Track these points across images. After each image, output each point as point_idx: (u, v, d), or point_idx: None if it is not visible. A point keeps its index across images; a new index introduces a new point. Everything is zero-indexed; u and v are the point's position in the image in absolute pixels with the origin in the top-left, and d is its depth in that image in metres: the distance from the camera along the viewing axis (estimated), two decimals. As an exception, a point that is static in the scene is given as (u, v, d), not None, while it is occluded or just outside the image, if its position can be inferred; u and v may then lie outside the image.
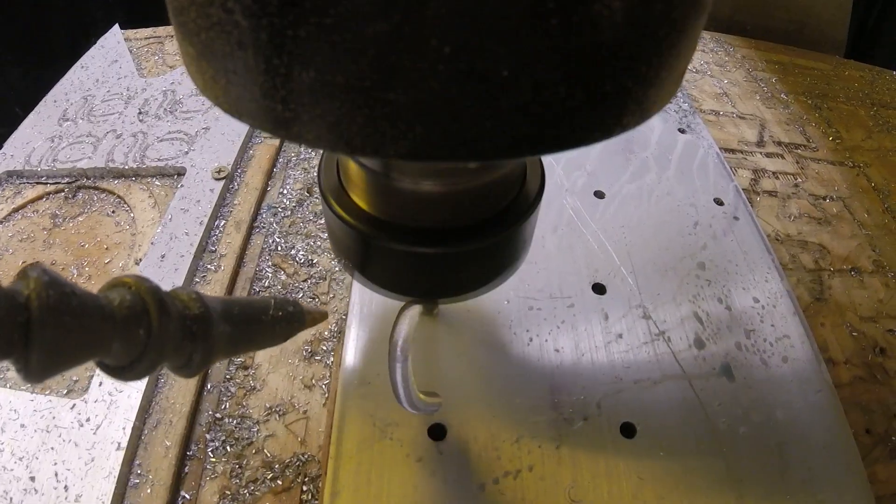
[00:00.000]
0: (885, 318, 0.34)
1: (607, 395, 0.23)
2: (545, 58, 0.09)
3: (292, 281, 0.33)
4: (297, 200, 0.38)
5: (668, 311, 0.27)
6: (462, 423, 0.22)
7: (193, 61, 0.11)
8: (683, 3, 0.10)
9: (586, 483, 0.21)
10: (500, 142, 0.10)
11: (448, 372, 0.24)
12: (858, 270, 0.36)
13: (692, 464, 0.22)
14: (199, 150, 0.39)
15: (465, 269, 0.18)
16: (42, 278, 0.10)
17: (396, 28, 0.08)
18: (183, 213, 0.35)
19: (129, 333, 0.12)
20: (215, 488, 0.24)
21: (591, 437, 0.22)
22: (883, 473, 0.27)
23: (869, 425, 0.29)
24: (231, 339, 0.14)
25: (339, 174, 0.17)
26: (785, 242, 0.36)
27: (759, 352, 0.26)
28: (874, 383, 0.30)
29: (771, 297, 0.29)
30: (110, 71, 0.46)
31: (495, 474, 0.21)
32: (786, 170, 0.41)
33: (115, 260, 0.35)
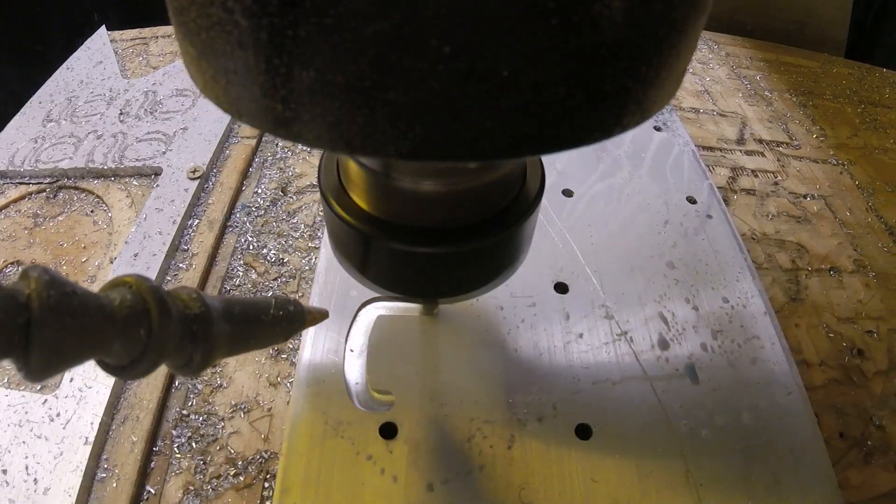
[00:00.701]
0: (864, 319, 0.33)
1: (564, 395, 0.23)
2: (545, 58, 0.09)
3: (262, 280, 0.33)
4: (272, 200, 0.38)
5: (631, 311, 0.26)
6: (414, 423, 0.22)
7: (193, 61, 0.11)
8: (683, 3, 0.10)
9: (537, 484, 0.21)
10: (500, 142, 0.10)
11: (401, 370, 0.24)
12: (838, 270, 0.35)
13: (649, 467, 0.21)
14: (176, 150, 0.39)
15: (466, 269, 0.18)
16: (43, 278, 0.10)
17: (396, 28, 0.08)
18: (157, 213, 0.36)
19: (130, 333, 0.12)
20: (179, 484, 0.24)
21: (544, 439, 0.22)
22: (856, 479, 0.26)
23: (843, 429, 0.28)
24: (231, 339, 0.14)
25: (339, 174, 0.17)
26: (761, 241, 0.35)
27: (727, 353, 0.26)
28: (850, 386, 0.30)
29: (741, 297, 0.28)
30: (95, 72, 0.46)
31: (445, 474, 0.21)
32: (766, 168, 0.40)
33: (92, 259, 0.36)
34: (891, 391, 0.30)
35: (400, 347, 0.24)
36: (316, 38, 0.08)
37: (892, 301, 0.35)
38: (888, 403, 0.30)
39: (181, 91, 0.44)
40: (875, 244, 0.38)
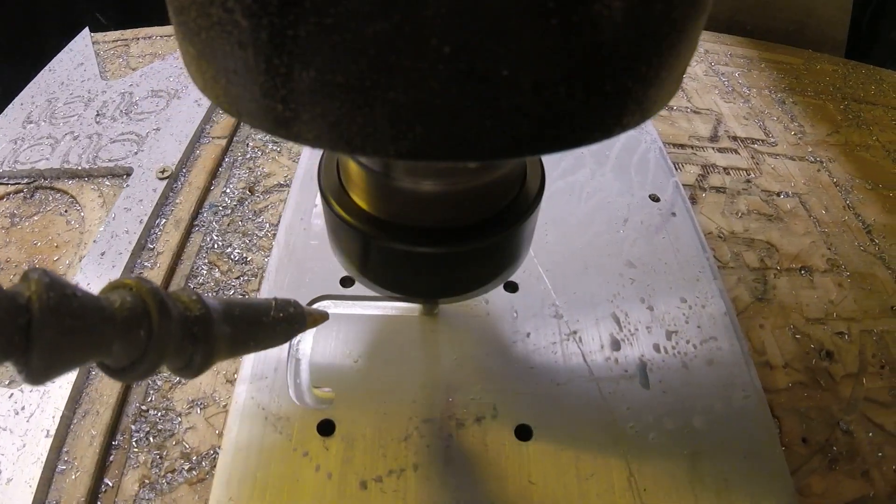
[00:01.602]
0: (835, 320, 0.32)
1: (506, 395, 0.23)
2: (545, 58, 0.09)
3: (225, 278, 0.34)
4: (239, 199, 0.38)
5: (582, 311, 0.26)
6: (352, 420, 0.22)
7: (193, 61, 0.11)
8: (683, 3, 0.10)
9: (472, 485, 0.20)
10: (500, 142, 0.10)
11: (342, 368, 0.23)
12: (809, 270, 0.34)
13: (590, 470, 0.21)
14: (148, 150, 0.40)
15: (466, 269, 0.18)
16: (43, 280, 0.10)
17: (396, 28, 0.08)
18: (126, 213, 0.36)
19: (130, 335, 0.12)
20: (136, 477, 0.24)
21: (482, 439, 0.21)
22: (819, 486, 0.26)
23: (806, 434, 0.27)
24: (232, 340, 0.14)
25: (339, 174, 0.17)
26: (728, 240, 0.34)
27: (680, 354, 0.25)
28: (816, 389, 0.29)
29: (700, 297, 0.28)
30: (75, 74, 0.47)
31: (379, 472, 0.21)
32: (738, 165, 0.40)
33: (64, 257, 0.36)
34: (860, 395, 0.30)
35: (342, 345, 0.24)
36: (316, 38, 0.08)
37: (867, 301, 0.34)
38: (857, 408, 0.29)
39: (156, 92, 0.45)
40: (851, 243, 0.37)
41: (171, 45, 0.51)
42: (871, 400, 0.30)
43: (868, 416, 0.29)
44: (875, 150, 0.45)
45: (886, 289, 0.35)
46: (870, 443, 0.28)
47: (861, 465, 0.27)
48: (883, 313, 0.34)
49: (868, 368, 0.31)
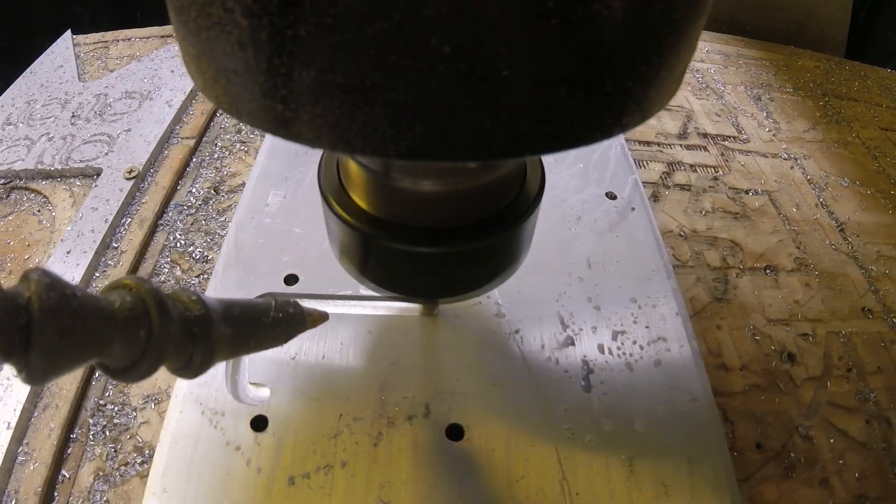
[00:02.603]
0: (799, 321, 0.31)
1: (439, 395, 0.22)
2: (545, 57, 0.09)
3: (186, 276, 0.34)
4: (204, 199, 0.39)
5: (526, 310, 0.26)
6: (285, 417, 0.22)
7: (193, 61, 0.11)
8: (683, 3, 0.10)
9: (399, 484, 0.20)
10: (500, 142, 0.10)
11: (279, 364, 0.23)
12: (775, 269, 0.33)
13: (521, 472, 0.21)
14: (118, 151, 0.41)
15: (466, 269, 0.18)
16: (42, 280, 0.10)
17: (396, 28, 0.08)
18: (92, 212, 0.37)
19: (130, 335, 0.12)
20: (91, 469, 0.25)
21: (412, 438, 0.21)
22: (772, 494, 0.25)
23: (762, 439, 0.26)
24: (231, 341, 0.14)
25: (339, 174, 0.17)
26: (690, 239, 0.34)
27: (626, 355, 0.25)
28: (775, 393, 0.28)
29: (652, 296, 0.27)
30: (55, 76, 0.48)
31: (307, 468, 0.21)
32: (706, 162, 0.39)
33: (34, 256, 0.37)
34: (823, 399, 0.29)
35: (283, 350, 0.24)
36: (316, 37, 0.09)
37: (836, 302, 0.33)
38: (818, 412, 0.28)
39: (130, 94, 0.45)
40: (822, 242, 0.36)
41: (149, 46, 0.52)
42: (835, 404, 0.29)
43: (831, 422, 0.28)
44: (854, 146, 0.44)
45: (858, 289, 0.34)
46: (831, 449, 0.27)
47: (820, 473, 0.26)
48: (853, 314, 0.33)
49: (833, 371, 0.30)
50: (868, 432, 0.28)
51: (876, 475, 0.26)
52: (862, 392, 0.29)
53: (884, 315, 0.33)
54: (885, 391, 0.29)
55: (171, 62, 0.48)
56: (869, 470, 0.26)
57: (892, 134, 0.47)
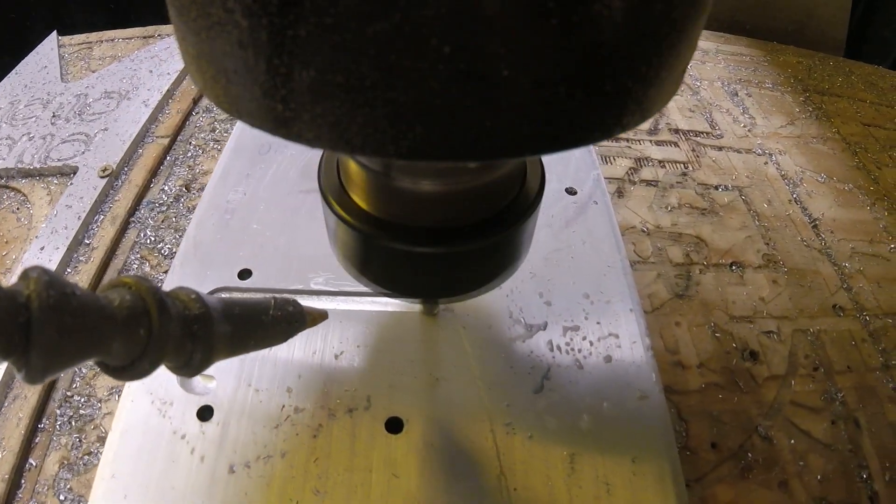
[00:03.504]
0: (764, 318, 0.31)
1: (381, 388, 0.22)
2: (545, 57, 0.09)
3: (154, 272, 0.34)
4: (175, 196, 0.39)
5: (474, 304, 0.26)
6: (230, 407, 0.22)
7: (193, 61, 0.11)
8: (683, 3, 0.10)
9: (335, 475, 0.20)
10: (500, 142, 0.10)
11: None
12: (741, 265, 0.33)
13: (459, 468, 0.21)
14: (94, 150, 0.41)
15: (466, 269, 0.18)
16: (42, 278, 0.10)
17: (396, 28, 0.08)
18: (67, 210, 0.37)
19: (130, 333, 0.12)
20: (57, 458, 0.26)
21: (351, 430, 0.21)
22: (726, 496, 0.24)
23: (717, 439, 0.26)
24: (231, 339, 0.14)
25: (339, 174, 0.17)
26: (653, 234, 0.33)
27: (574, 351, 0.25)
28: (734, 391, 0.28)
29: (606, 292, 0.27)
30: (38, 77, 0.49)
31: (248, 458, 0.21)
32: (675, 158, 0.38)
33: (11, 253, 0.38)
34: (786, 399, 0.28)
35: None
36: (316, 37, 0.09)
37: (805, 299, 0.32)
38: (781, 412, 0.27)
39: (109, 93, 0.46)
40: (793, 238, 0.35)
41: (132, 47, 0.53)
42: (799, 404, 0.28)
43: (793, 422, 0.27)
44: (834, 142, 0.43)
45: (829, 286, 0.33)
46: (792, 450, 0.26)
47: (779, 475, 0.25)
48: (822, 312, 0.32)
49: (798, 371, 0.29)
50: (834, 433, 0.27)
51: (840, 478, 0.25)
52: (828, 392, 0.29)
53: (856, 313, 0.32)
54: (853, 391, 0.29)
55: (150, 62, 0.49)
56: (833, 472, 0.26)
57: (874, 129, 0.46)
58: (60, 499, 0.25)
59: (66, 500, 0.25)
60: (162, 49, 0.51)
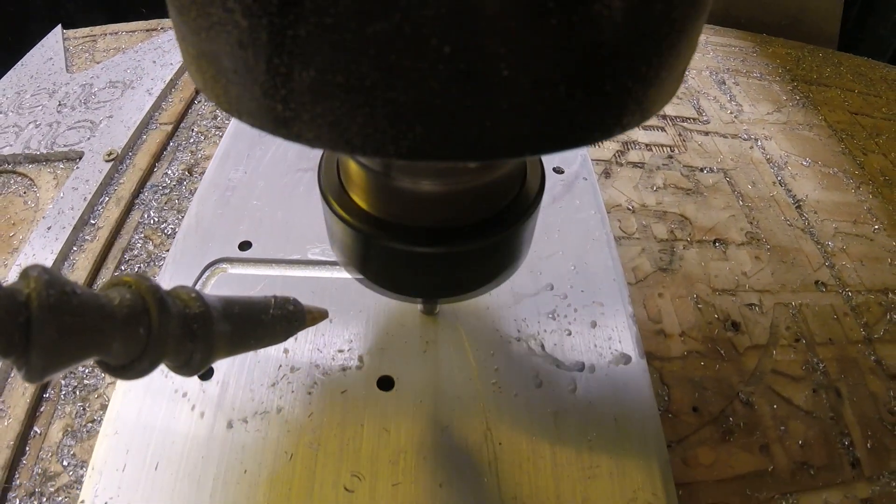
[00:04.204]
0: (746, 291, 0.32)
1: (373, 350, 0.23)
2: (545, 57, 0.09)
3: (157, 251, 0.35)
4: (178, 179, 0.40)
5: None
6: (228, 365, 0.23)
7: (193, 61, 0.11)
8: (683, 3, 0.10)
9: (328, 430, 0.21)
10: (500, 142, 0.10)
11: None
12: (724, 242, 0.34)
13: (447, 422, 0.22)
14: (99, 136, 0.43)
15: (466, 269, 0.18)
16: (42, 277, 0.10)
17: (396, 28, 0.08)
18: (73, 192, 0.39)
19: (130, 332, 0.12)
20: (61, 426, 0.27)
21: (344, 387, 0.22)
22: (707, 457, 0.25)
23: (699, 403, 0.27)
24: (231, 338, 0.14)
25: (339, 174, 0.17)
26: (638, 212, 0.34)
27: (560, 317, 0.26)
28: (716, 359, 0.28)
29: (590, 263, 0.28)
30: (44, 68, 0.51)
31: (244, 414, 0.22)
32: (662, 142, 0.39)
33: (18, 234, 0.39)
34: (767, 367, 0.29)
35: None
36: (316, 37, 0.09)
37: (787, 275, 0.33)
38: (762, 380, 0.28)
39: (113, 83, 0.48)
40: (777, 218, 0.36)
41: (135, 39, 0.55)
42: (780, 373, 0.29)
43: (774, 389, 0.28)
44: (820, 129, 0.44)
45: (812, 263, 0.34)
46: (773, 416, 0.27)
47: (760, 439, 0.26)
48: (805, 287, 0.33)
49: (780, 341, 0.30)
50: (815, 401, 0.28)
51: (822, 444, 0.26)
52: (810, 362, 0.29)
53: (838, 289, 0.33)
54: (834, 362, 0.30)
55: (154, 53, 0.51)
56: (814, 438, 0.26)
57: (861, 118, 0.47)
58: (64, 464, 0.26)
59: (70, 465, 0.26)
60: (165, 41, 0.53)
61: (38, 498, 0.25)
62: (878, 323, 0.32)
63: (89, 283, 0.34)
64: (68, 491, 0.25)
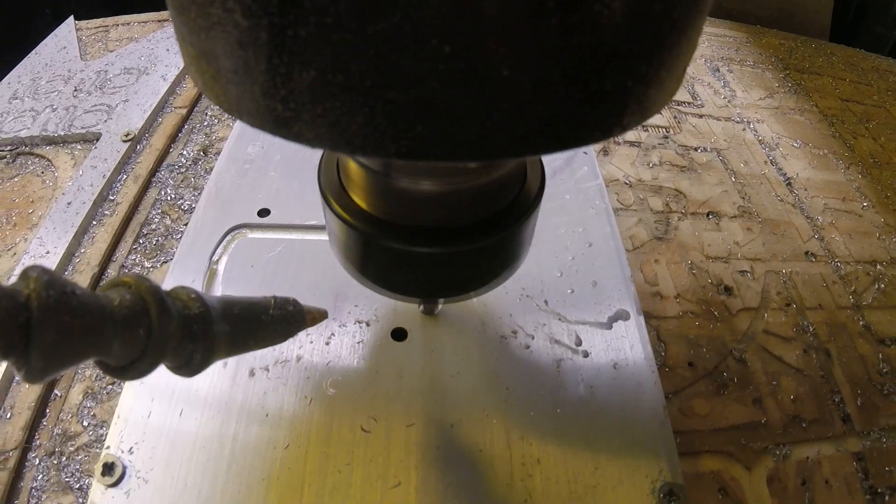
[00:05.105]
0: (738, 259, 0.33)
1: (387, 305, 0.25)
2: (545, 57, 0.09)
3: (174, 225, 0.37)
4: (194, 159, 0.42)
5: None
6: (248, 323, 0.24)
7: (193, 61, 0.11)
8: (683, 3, 0.10)
9: (347, 376, 0.23)
10: (500, 142, 0.10)
11: (249, 279, 0.26)
12: (717, 214, 0.35)
13: (458, 368, 0.23)
14: (116, 118, 0.44)
15: (466, 269, 0.18)
16: (42, 278, 0.10)
17: (396, 27, 0.08)
18: (92, 170, 0.40)
19: (130, 333, 0.12)
20: (81, 388, 0.28)
21: (360, 338, 0.24)
22: (702, 408, 0.27)
23: (694, 359, 0.28)
24: (231, 339, 0.14)
25: (339, 174, 0.17)
26: (635, 187, 0.36)
27: (565, 276, 0.27)
28: (709, 320, 0.30)
29: (590, 229, 0.29)
30: (58, 56, 0.52)
31: (267, 363, 0.23)
32: (657, 123, 0.41)
33: (37, 210, 0.40)
34: (759, 328, 0.31)
35: (250, 262, 0.27)
36: (316, 37, 0.09)
37: (777, 246, 0.35)
38: (754, 339, 0.30)
39: (128, 69, 0.49)
40: (768, 194, 0.38)
41: (147, 29, 0.56)
42: (771, 333, 0.30)
43: (766, 348, 0.30)
44: (811, 114, 0.46)
45: (802, 235, 0.36)
46: (765, 372, 0.28)
47: (753, 393, 0.27)
48: (795, 257, 0.34)
49: (771, 305, 0.32)
50: (805, 360, 0.29)
51: (813, 399, 0.28)
52: (800, 325, 0.31)
53: (828, 259, 0.35)
54: (824, 326, 0.31)
55: (167, 42, 0.52)
56: (805, 394, 0.28)
57: (852, 104, 0.48)
58: (84, 424, 0.27)
59: (90, 425, 0.27)
60: (177, 31, 0.54)
61: (57, 457, 0.25)
62: (867, 291, 0.33)
63: (108, 255, 0.35)
64: (88, 450, 0.25)
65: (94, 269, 0.34)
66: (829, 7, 0.59)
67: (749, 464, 0.25)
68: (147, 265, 0.34)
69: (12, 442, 0.26)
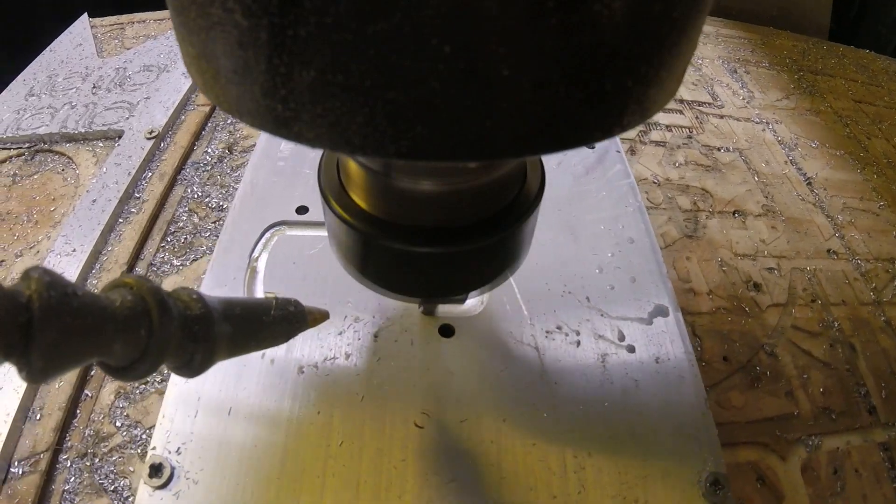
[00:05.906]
0: (765, 256, 0.34)
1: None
2: (545, 57, 0.09)
3: (203, 223, 0.37)
4: (219, 157, 0.42)
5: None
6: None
7: (193, 61, 0.11)
8: (683, 3, 0.10)
9: (395, 373, 0.23)
10: (500, 142, 0.10)
11: (291, 277, 0.26)
12: (743, 213, 0.36)
13: (503, 366, 0.23)
14: (138, 116, 0.44)
15: (467, 269, 0.18)
16: (43, 279, 0.10)
17: (396, 28, 0.08)
18: (116, 167, 0.40)
19: (131, 334, 0.12)
20: (113, 388, 0.27)
21: (409, 334, 0.24)
22: (738, 400, 0.27)
23: (728, 353, 0.29)
24: (232, 340, 0.14)
25: (339, 173, 0.17)
26: (663, 186, 0.36)
27: (605, 273, 0.28)
28: (741, 315, 0.31)
29: (625, 227, 0.30)
30: (74, 53, 0.52)
31: (315, 360, 0.23)
32: (681, 124, 0.42)
33: (59, 208, 0.40)
34: (787, 324, 0.31)
35: (293, 258, 0.27)
36: (316, 37, 0.09)
37: (801, 243, 0.35)
38: (784, 334, 0.31)
39: (148, 67, 0.49)
40: (790, 193, 0.39)
41: (164, 26, 0.56)
42: (799, 328, 0.31)
43: (795, 343, 0.30)
44: (826, 114, 0.47)
45: (823, 233, 0.37)
46: (795, 366, 0.29)
47: (785, 386, 0.28)
48: (818, 254, 0.35)
49: (797, 301, 0.32)
50: (832, 354, 0.30)
51: (840, 392, 0.29)
52: (825, 320, 0.32)
53: (849, 257, 0.35)
54: (848, 321, 0.32)
55: (186, 39, 0.52)
56: (833, 387, 0.29)
57: (865, 106, 0.50)
58: (117, 425, 0.26)
59: (123, 426, 0.26)
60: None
61: (90, 459, 0.25)
62: (886, 288, 0.34)
63: (136, 253, 0.35)
64: (122, 451, 0.25)
65: (122, 267, 0.33)
66: (829, 7, 0.60)
67: (784, 454, 0.25)
68: (176, 263, 0.34)
69: (43, 444, 0.25)
